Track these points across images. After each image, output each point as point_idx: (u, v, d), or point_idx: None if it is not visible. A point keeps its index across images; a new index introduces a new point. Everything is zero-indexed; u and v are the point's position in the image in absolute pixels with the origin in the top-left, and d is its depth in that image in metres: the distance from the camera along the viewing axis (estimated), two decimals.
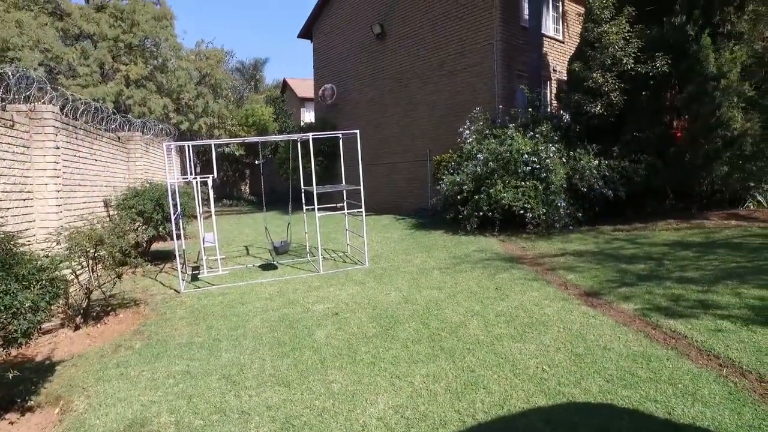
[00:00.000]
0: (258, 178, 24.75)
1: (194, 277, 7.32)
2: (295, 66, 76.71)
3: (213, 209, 7.89)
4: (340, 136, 8.40)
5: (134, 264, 5.45)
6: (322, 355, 4.08)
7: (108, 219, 7.00)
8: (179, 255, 7.23)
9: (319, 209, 7.27)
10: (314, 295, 6.06)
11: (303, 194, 8.23)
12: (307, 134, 7.61)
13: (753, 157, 9.06)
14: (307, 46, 19.59)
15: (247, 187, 26.35)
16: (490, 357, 3.84)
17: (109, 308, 5.76)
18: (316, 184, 8.35)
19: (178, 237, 7.45)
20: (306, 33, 18.69)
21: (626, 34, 9.25)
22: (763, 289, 4.95)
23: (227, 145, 22.01)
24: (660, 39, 9.09)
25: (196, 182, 7.76)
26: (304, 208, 8.10)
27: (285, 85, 37.78)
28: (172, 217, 6.97)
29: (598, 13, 9.49)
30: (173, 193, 7.21)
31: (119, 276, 5.39)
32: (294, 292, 6.23)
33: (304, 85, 34.18)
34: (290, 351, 4.22)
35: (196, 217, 8.53)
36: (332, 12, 17.26)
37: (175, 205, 7.13)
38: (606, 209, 9.68)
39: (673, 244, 7.48)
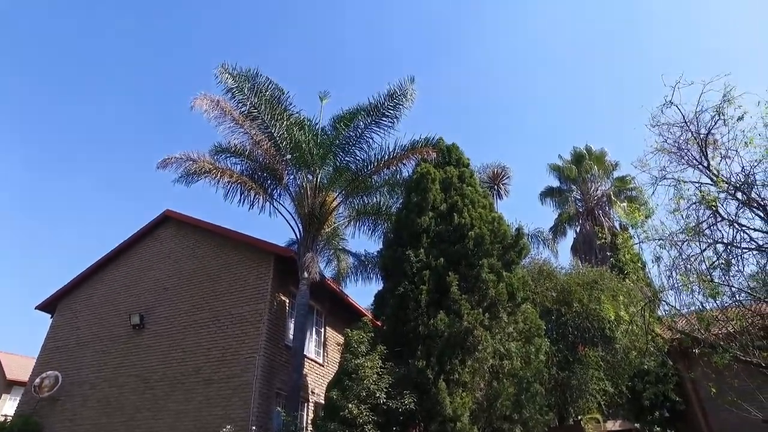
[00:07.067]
0: None
1: None
2: (16, 338, 63.79)
3: None
4: None
5: None
6: None
7: None
8: None
9: None
10: None
11: None
12: None
13: None
14: (43, 321, 16.60)
15: None
16: None
17: None
18: None
19: None
20: (49, 306, 16.07)
21: (379, 370, 9.95)
22: None
23: None
24: (407, 378, 9.97)
25: None
26: None
27: None
28: None
29: (355, 346, 10.25)
30: None
31: None
32: None
33: (19, 364, 27.49)
34: None
35: None
36: (90, 289, 15.57)
37: None
38: None
39: None
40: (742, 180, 6.56)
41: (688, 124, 7.01)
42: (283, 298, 12.77)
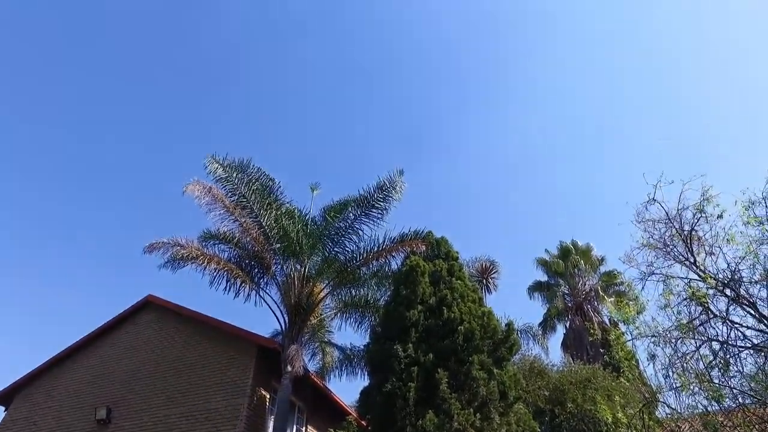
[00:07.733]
0: None
1: None
2: None
3: None
4: None
5: None
6: None
7: None
8: None
9: None
10: None
11: None
12: None
13: None
14: None
15: None
16: None
17: None
18: None
19: None
20: (4, 397, 14.86)
21: None
22: None
23: None
24: None
25: None
26: None
27: None
28: None
29: None
30: None
31: None
32: None
33: None
34: None
35: None
36: (54, 379, 14.55)
37: None
38: None
39: None
40: (730, 276, 6.61)
41: (672, 221, 7.22)
42: (264, 392, 12.02)
